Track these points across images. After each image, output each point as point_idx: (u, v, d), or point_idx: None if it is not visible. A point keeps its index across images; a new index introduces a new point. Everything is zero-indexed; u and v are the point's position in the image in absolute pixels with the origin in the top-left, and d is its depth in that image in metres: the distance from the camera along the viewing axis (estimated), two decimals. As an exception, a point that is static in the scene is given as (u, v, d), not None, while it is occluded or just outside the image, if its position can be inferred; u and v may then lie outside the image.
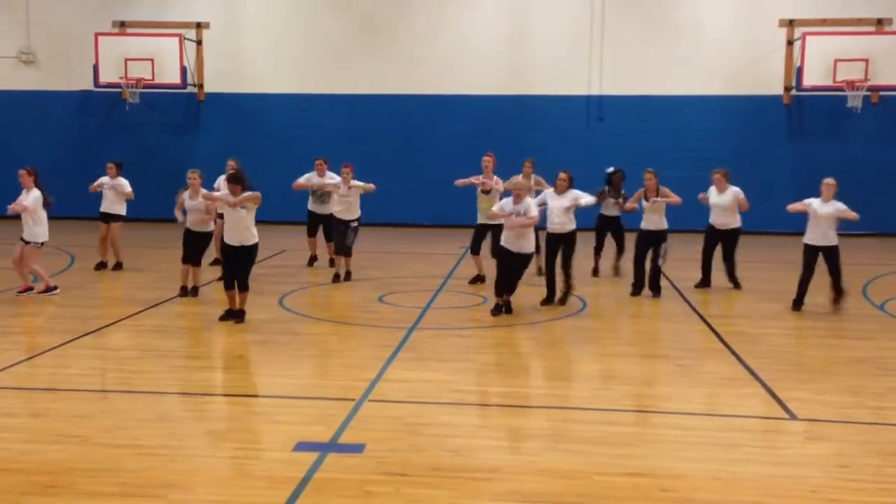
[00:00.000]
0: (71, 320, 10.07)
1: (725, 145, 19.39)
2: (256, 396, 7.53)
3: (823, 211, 10.74)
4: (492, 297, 10.83)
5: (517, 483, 5.45)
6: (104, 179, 13.76)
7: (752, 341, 9.50)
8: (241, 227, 9.89)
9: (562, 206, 11.08)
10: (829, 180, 10.84)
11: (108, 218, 13.67)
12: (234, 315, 9.98)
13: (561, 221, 11.08)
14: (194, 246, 11.50)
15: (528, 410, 7.05)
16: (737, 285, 12.48)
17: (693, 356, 8.88)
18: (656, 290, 11.82)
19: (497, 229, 11.48)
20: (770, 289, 12.20)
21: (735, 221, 12.29)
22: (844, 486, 5.46)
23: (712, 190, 12.39)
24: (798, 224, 10.90)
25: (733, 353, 8.84)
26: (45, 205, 11.43)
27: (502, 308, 10.56)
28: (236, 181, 9.94)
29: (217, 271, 12.16)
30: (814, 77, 18.39)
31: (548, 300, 11.19)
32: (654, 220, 11.82)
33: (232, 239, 9.94)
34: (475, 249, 12.49)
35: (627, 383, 7.75)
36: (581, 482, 5.47)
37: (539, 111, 20.13)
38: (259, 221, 10.28)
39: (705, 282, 12.47)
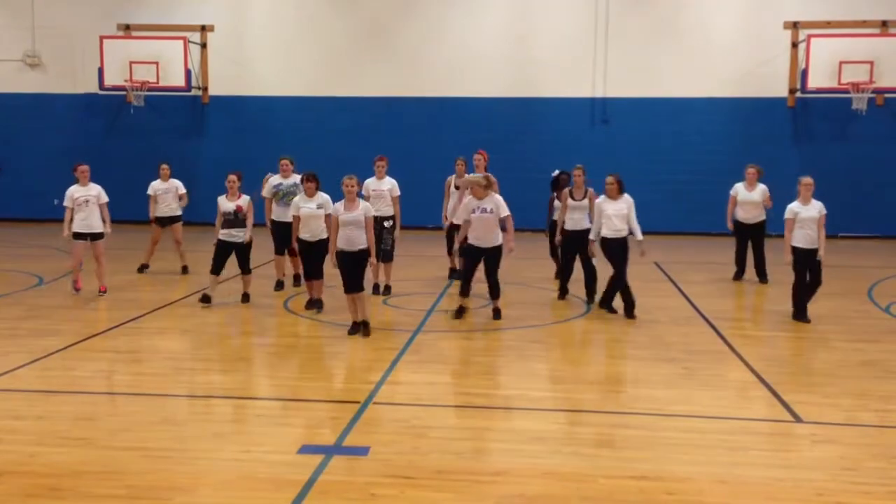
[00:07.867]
0: (77, 322, 10.09)
1: (730, 147, 19.37)
2: (261, 399, 7.54)
3: (808, 214, 10.24)
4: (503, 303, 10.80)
5: (522, 486, 5.44)
6: (162, 184, 13.84)
7: (758, 344, 9.49)
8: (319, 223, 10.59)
9: (620, 211, 10.57)
10: (807, 179, 10.33)
11: (172, 220, 13.83)
12: (315, 304, 10.95)
13: (623, 227, 10.60)
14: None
15: (534, 413, 7.04)
16: (764, 279, 13.04)
17: (699, 359, 8.86)
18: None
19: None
20: (777, 292, 12.17)
21: (762, 215, 13.15)
22: (851, 489, 5.45)
23: (740, 187, 13.24)
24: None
25: (739, 356, 8.83)
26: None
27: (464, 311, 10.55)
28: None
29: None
30: (819, 79, 18.39)
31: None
32: (575, 219, 11.40)
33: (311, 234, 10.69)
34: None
35: (633, 386, 7.74)
36: (587, 485, 5.47)
37: (544, 114, 20.15)
38: (259, 223, 10.17)
39: (740, 273, 13.29)
